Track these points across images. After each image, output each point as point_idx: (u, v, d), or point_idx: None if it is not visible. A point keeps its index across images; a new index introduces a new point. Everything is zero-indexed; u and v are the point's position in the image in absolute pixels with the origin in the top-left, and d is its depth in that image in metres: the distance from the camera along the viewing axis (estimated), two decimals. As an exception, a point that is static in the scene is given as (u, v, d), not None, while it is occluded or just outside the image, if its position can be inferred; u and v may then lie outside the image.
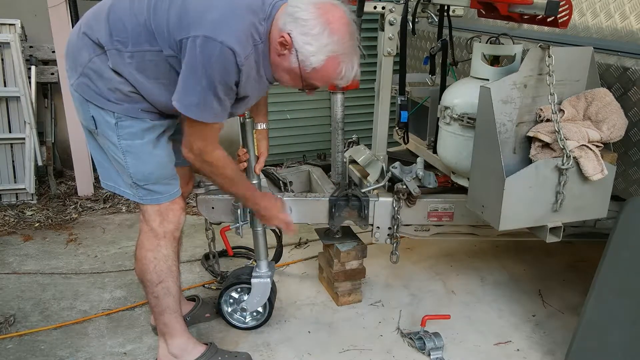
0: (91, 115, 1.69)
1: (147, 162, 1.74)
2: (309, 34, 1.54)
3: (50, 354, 2.14)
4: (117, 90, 1.65)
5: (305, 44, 1.55)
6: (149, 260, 1.85)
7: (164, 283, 1.88)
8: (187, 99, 1.57)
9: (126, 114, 1.67)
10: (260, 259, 2.23)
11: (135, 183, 1.76)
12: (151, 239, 1.84)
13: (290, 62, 1.60)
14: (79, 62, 1.65)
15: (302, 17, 1.54)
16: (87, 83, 1.65)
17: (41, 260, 2.86)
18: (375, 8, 2.20)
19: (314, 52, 1.56)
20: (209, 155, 1.70)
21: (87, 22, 1.67)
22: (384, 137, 2.45)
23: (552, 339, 2.28)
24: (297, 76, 1.64)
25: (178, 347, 1.96)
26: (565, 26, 1.88)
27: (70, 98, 1.80)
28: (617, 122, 1.86)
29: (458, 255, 2.98)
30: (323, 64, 1.58)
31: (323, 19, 1.55)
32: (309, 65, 1.58)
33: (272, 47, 1.62)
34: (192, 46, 1.51)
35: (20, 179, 3.50)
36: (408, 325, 2.35)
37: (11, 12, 3.49)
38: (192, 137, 1.66)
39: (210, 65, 1.51)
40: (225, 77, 1.55)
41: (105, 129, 1.70)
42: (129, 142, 1.70)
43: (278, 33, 1.58)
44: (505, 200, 1.78)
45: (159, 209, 1.82)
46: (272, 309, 2.30)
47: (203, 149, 1.68)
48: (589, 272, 1.97)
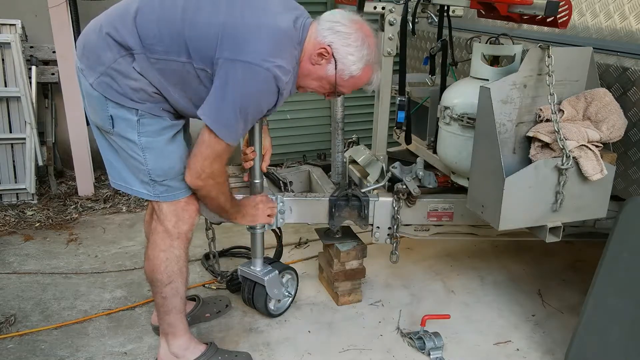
0: (109, 114, 1.69)
1: (167, 157, 1.76)
2: (352, 45, 1.71)
3: (51, 353, 2.14)
4: (142, 90, 1.67)
5: (348, 54, 1.72)
6: (160, 260, 1.85)
7: (173, 284, 1.88)
8: (217, 116, 1.63)
9: (149, 112, 1.70)
10: (256, 257, 2.26)
11: (153, 180, 1.76)
12: (165, 239, 1.85)
13: (326, 70, 1.74)
14: (101, 61, 1.65)
15: (345, 31, 1.71)
16: (109, 82, 1.66)
17: (42, 260, 2.87)
18: (375, 8, 2.21)
19: (354, 62, 1.73)
20: (217, 173, 1.74)
21: (110, 22, 1.66)
22: (384, 137, 2.46)
23: (551, 338, 2.28)
24: (329, 83, 1.78)
25: (180, 347, 1.97)
26: (564, 26, 1.89)
27: (70, 98, 1.80)
28: (617, 122, 1.86)
29: (458, 255, 2.98)
30: (360, 72, 1.75)
31: (362, 33, 1.72)
32: (347, 73, 1.74)
33: (305, 59, 1.74)
34: (233, 69, 1.58)
35: (21, 179, 3.50)
36: (408, 325, 2.36)
37: (12, 12, 3.50)
38: (201, 152, 1.68)
39: (250, 90, 1.61)
40: (263, 102, 1.66)
41: (125, 127, 1.70)
42: (150, 139, 1.72)
43: (316, 45, 1.72)
44: (505, 200, 1.78)
45: (175, 209, 1.82)
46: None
47: (207, 167, 1.70)
48: (589, 272, 1.97)
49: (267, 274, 2.26)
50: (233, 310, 2.43)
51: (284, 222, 2.32)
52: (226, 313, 2.40)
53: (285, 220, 2.32)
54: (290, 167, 3.43)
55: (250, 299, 2.34)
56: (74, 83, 3.44)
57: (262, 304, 2.32)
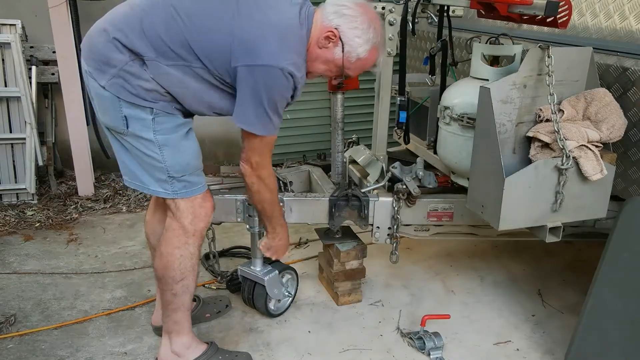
0: (123, 115, 1.70)
1: (184, 153, 1.79)
2: (358, 28, 1.76)
3: (51, 353, 2.14)
4: (154, 91, 1.69)
5: (355, 37, 1.76)
6: (175, 257, 1.86)
7: (185, 281, 1.89)
8: (250, 119, 1.72)
9: (163, 110, 1.72)
10: (256, 257, 2.26)
11: (172, 177, 1.78)
12: (180, 236, 1.85)
13: (334, 53, 1.79)
14: (111, 63, 1.65)
15: (350, 14, 1.76)
16: (122, 84, 1.67)
17: (42, 260, 2.87)
18: (375, 8, 2.20)
19: (361, 44, 1.77)
20: (264, 169, 1.84)
21: (116, 26, 1.66)
22: (384, 137, 2.46)
23: (551, 338, 2.28)
24: (337, 66, 1.82)
25: (182, 345, 1.97)
26: (564, 26, 1.89)
27: (70, 98, 1.81)
28: (617, 122, 1.86)
29: (458, 255, 2.98)
30: (367, 54, 1.80)
31: (368, 16, 1.78)
32: (355, 55, 1.79)
33: (313, 43, 1.78)
34: (252, 74, 1.66)
35: (21, 179, 3.50)
36: (408, 325, 2.36)
37: (12, 12, 3.50)
38: (251, 152, 1.79)
39: (272, 89, 1.68)
40: (286, 94, 1.74)
41: (139, 126, 1.71)
42: (166, 137, 1.74)
43: (323, 29, 1.76)
44: (505, 200, 1.78)
45: (193, 206, 1.84)
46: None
47: (260, 161, 1.82)
48: (589, 272, 1.97)
49: (267, 274, 2.26)
50: (233, 310, 2.43)
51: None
52: (226, 313, 2.41)
53: (286, 221, 2.31)
54: (290, 167, 3.43)
55: (250, 299, 2.34)
56: (74, 83, 3.48)
57: (262, 304, 2.32)
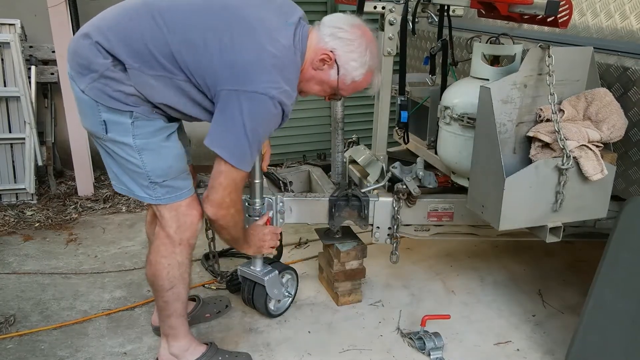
0: (102, 119, 1.67)
1: (165, 157, 1.74)
2: (354, 51, 1.72)
3: (50, 354, 2.14)
4: (134, 95, 1.65)
5: (351, 60, 1.73)
6: (162, 266, 1.84)
7: (175, 289, 1.87)
8: (231, 148, 1.63)
9: (142, 114, 1.68)
10: (256, 257, 2.25)
11: (154, 182, 1.74)
12: (167, 245, 1.83)
13: (329, 75, 1.76)
14: (92, 68, 1.62)
15: (347, 37, 1.72)
16: (101, 88, 1.63)
17: (41, 260, 2.86)
18: (375, 8, 2.20)
19: (357, 67, 1.75)
20: (237, 200, 1.75)
21: (100, 32, 1.63)
22: (384, 137, 2.45)
23: (552, 338, 2.28)
24: (331, 87, 1.80)
25: (180, 348, 1.97)
26: (565, 26, 1.89)
27: (70, 98, 1.80)
28: (617, 122, 1.86)
29: (458, 255, 2.98)
30: (362, 77, 1.78)
31: (364, 39, 1.74)
32: (350, 78, 1.76)
33: (307, 65, 1.74)
34: (238, 100, 1.58)
35: (20, 179, 3.49)
36: (408, 325, 2.36)
37: (11, 12, 3.49)
38: (219, 185, 1.69)
39: (257, 117, 1.61)
40: (271, 124, 1.67)
41: (118, 131, 1.68)
42: (145, 141, 1.70)
43: (318, 51, 1.72)
44: (505, 200, 1.78)
45: (176, 215, 1.80)
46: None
47: (231, 198, 1.72)
48: (589, 272, 1.97)
49: (267, 274, 2.26)
50: (233, 311, 2.43)
51: (284, 223, 2.32)
52: (226, 313, 2.40)
53: (285, 221, 2.32)
54: (290, 167, 3.43)
55: (250, 299, 2.34)
56: (74, 83, 3.47)
57: (262, 304, 2.31)
